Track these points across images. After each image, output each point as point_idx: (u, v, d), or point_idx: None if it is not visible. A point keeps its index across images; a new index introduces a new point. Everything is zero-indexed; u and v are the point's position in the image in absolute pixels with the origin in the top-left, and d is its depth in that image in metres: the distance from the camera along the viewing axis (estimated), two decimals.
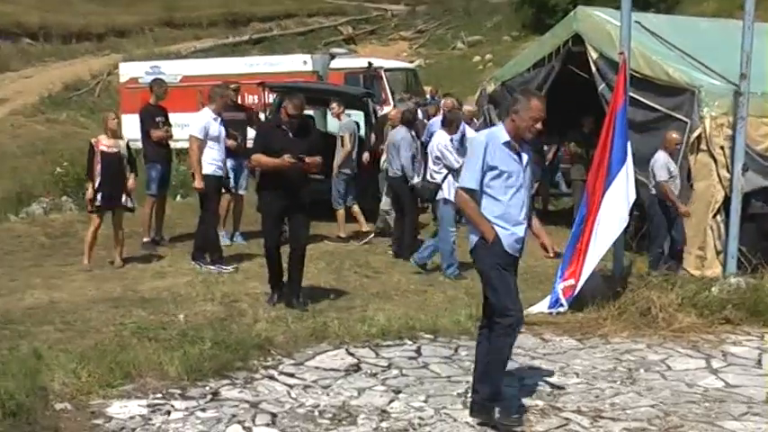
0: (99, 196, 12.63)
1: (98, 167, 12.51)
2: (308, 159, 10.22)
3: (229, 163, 13.60)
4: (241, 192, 14.75)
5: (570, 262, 10.57)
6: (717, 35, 14.06)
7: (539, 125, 6.65)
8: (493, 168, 6.70)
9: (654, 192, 12.37)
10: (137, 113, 14.74)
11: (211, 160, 12.59)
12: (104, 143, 12.69)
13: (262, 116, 17.49)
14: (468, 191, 6.75)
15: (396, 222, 14.11)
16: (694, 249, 12.25)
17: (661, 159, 12.27)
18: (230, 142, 13.67)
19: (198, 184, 12.39)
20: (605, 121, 10.65)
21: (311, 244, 11.64)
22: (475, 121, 15.96)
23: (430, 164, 12.41)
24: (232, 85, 14.86)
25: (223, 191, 13.29)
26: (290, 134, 10.29)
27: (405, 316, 9.81)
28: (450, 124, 12.44)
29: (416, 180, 13.47)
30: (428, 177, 12.54)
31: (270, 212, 10.34)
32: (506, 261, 6.77)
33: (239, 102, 15.03)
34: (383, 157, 15.04)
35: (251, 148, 12.59)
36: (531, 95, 6.77)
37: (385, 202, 14.73)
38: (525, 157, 6.84)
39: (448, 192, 12.09)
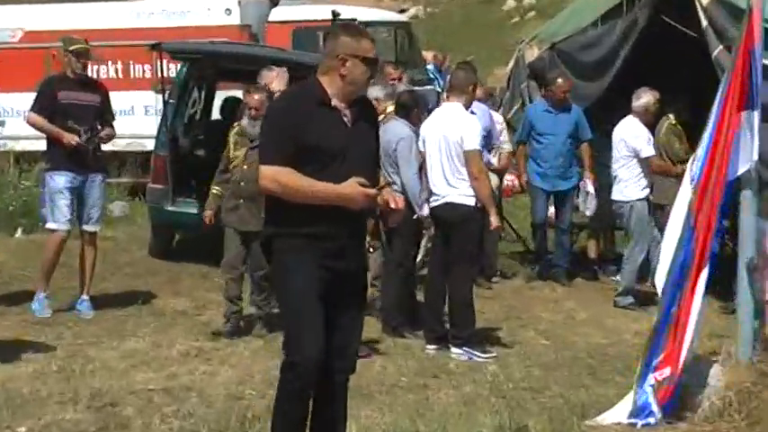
0: None
1: None
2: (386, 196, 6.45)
3: (69, 178, 11.02)
4: (91, 227, 11.63)
5: (665, 340, 8.44)
6: None
7: None
8: None
9: None
10: None
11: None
12: None
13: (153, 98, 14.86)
14: None
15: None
16: None
17: None
18: (69, 138, 11.01)
19: (494, 221, 10.40)
20: (723, 105, 8.40)
21: None
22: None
23: None
24: (75, 46, 11.45)
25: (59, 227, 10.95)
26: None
27: (395, 428, 8.01)
28: None
29: (425, 211, 10.66)
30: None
31: (297, 291, 6.30)
32: None
33: (89, 73, 11.93)
34: None
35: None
36: None
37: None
38: None
39: None
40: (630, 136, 11.47)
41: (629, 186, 11.81)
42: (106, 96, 11.36)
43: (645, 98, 12.02)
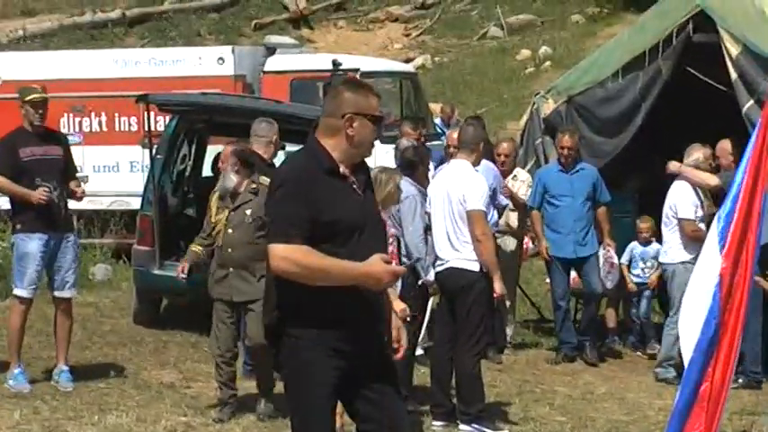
0: None
1: None
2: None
3: (43, 241, 10.74)
4: (66, 293, 11.20)
5: (692, 417, 7.79)
6: None
7: None
8: None
9: None
10: None
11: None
12: None
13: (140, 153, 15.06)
14: None
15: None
16: None
17: None
18: (39, 193, 10.71)
19: (498, 288, 9.93)
20: (751, 163, 7.86)
21: None
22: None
23: None
24: (30, 96, 11.05)
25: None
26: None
27: None
28: None
29: (431, 275, 10.22)
30: None
31: (310, 388, 5.92)
32: None
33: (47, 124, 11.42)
34: None
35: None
36: None
37: None
38: None
39: None
40: (674, 195, 11.27)
41: (674, 248, 11.65)
42: (68, 147, 11.02)
43: (695, 155, 11.79)
